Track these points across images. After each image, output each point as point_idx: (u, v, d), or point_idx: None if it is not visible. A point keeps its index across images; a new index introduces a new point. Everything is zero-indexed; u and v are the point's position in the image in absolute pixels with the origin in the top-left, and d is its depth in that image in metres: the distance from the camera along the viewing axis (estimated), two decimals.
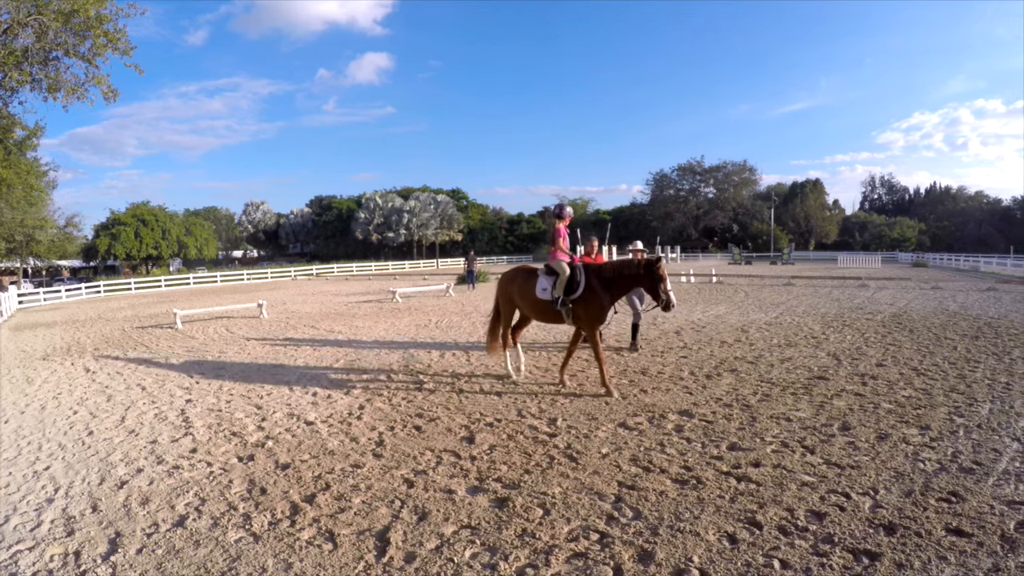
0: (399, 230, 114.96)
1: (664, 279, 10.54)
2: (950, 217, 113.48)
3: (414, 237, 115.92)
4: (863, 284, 37.05)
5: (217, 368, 14.11)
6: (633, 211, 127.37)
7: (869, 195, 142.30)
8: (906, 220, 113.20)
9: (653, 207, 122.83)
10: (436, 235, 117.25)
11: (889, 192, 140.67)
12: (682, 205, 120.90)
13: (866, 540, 5.57)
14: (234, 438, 8.94)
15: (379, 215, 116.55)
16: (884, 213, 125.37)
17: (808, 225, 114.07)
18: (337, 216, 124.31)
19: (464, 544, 5.60)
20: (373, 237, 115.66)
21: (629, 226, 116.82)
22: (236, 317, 25.53)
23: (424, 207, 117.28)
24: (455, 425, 9.30)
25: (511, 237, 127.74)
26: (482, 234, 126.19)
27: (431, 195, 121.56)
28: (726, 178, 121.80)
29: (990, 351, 14.51)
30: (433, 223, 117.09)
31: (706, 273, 46.66)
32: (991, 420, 9.14)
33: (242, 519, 6.23)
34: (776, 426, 8.95)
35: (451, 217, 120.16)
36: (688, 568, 5.14)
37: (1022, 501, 6.34)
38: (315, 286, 49.27)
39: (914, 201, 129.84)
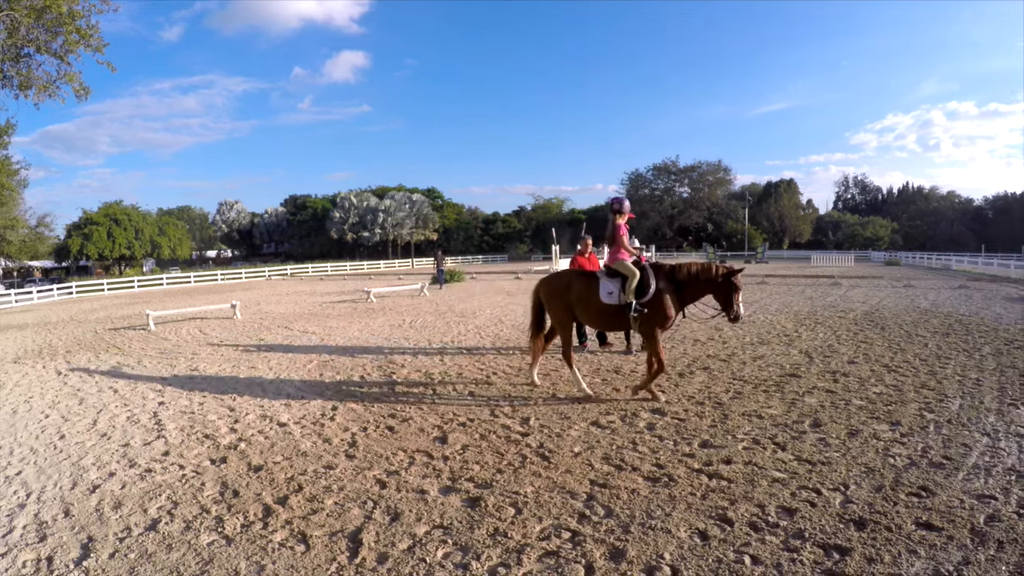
0: (374, 229, 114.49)
1: (740, 289, 10.33)
2: (922, 216, 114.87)
3: (389, 237, 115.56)
4: (836, 282, 37.33)
5: (190, 370, 14.03)
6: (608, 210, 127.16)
7: (843, 195, 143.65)
8: (879, 219, 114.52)
9: None
10: (411, 234, 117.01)
11: (862, 192, 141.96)
12: (657, 204, 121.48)
13: (837, 535, 5.63)
14: (207, 440, 8.88)
15: (354, 214, 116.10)
16: (857, 213, 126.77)
17: (782, 224, 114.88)
18: (312, 215, 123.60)
19: (436, 544, 5.60)
20: (348, 237, 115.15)
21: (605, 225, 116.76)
22: (209, 318, 25.37)
23: (399, 206, 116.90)
24: (428, 425, 9.30)
25: (487, 236, 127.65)
26: (457, 233, 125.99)
27: (406, 194, 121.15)
28: (701, 178, 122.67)
29: (961, 348, 14.66)
30: (408, 222, 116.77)
31: None
32: (961, 415, 9.25)
33: (215, 522, 6.19)
34: (748, 423, 9.02)
35: (426, 216, 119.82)
36: (659, 565, 5.17)
37: (992, 495, 6.42)
38: (289, 286, 49.08)
39: (887, 201, 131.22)
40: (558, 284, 11.11)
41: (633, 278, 10.21)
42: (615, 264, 10.53)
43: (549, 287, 11.22)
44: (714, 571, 5.06)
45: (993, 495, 6.43)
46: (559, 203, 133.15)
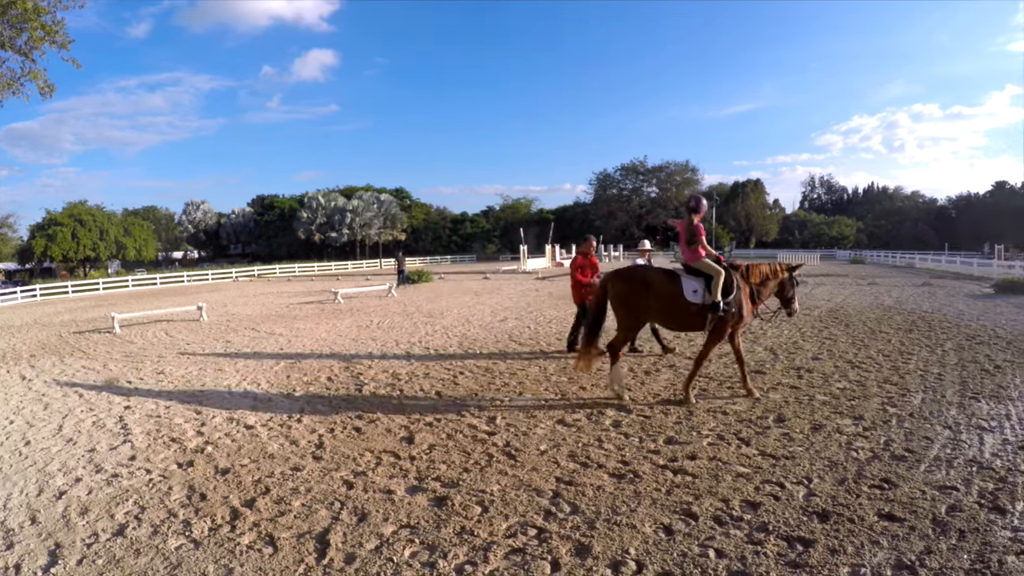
0: (342, 230, 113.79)
1: (798, 285, 11.15)
2: (887, 216, 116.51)
3: (357, 237, 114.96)
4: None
5: (156, 373, 13.89)
6: (576, 210, 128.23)
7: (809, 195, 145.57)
8: (844, 219, 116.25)
9: (596, 206, 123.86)
10: (379, 235, 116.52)
11: (828, 192, 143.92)
12: (625, 204, 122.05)
13: (800, 527, 5.72)
14: (173, 444, 8.79)
15: (322, 215, 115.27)
16: (823, 212, 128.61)
17: (749, 224, 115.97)
18: (279, 216, 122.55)
19: (403, 543, 5.61)
20: (316, 237, 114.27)
21: (572, 225, 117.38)
22: (176, 320, 25.08)
23: (367, 206, 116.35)
24: (395, 426, 9.30)
25: (455, 236, 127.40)
26: (426, 234, 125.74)
27: (374, 194, 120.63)
28: (669, 178, 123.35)
29: (923, 343, 14.87)
30: (376, 223, 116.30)
31: None
32: (923, 409, 9.41)
33: (182, 526, 6.15)
34: (713, 419, 9.12)
35: (394, 217, 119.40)
36: (625, 560, 5.22)
37: (953, 486, 6.56)
38: (256, 287, 48.69)
39: (852, 201, 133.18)
40: (636, 281, 10.47)
41: (719, 277, 10.07)
42: (697, 263, 10.36)
43: (625, 284, 10.55)
44: (679, 565, 5.12)
45: (955, 486, 6.57)
46: (527, 203, 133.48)
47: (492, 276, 52.01)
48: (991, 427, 8.54)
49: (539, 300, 29.01)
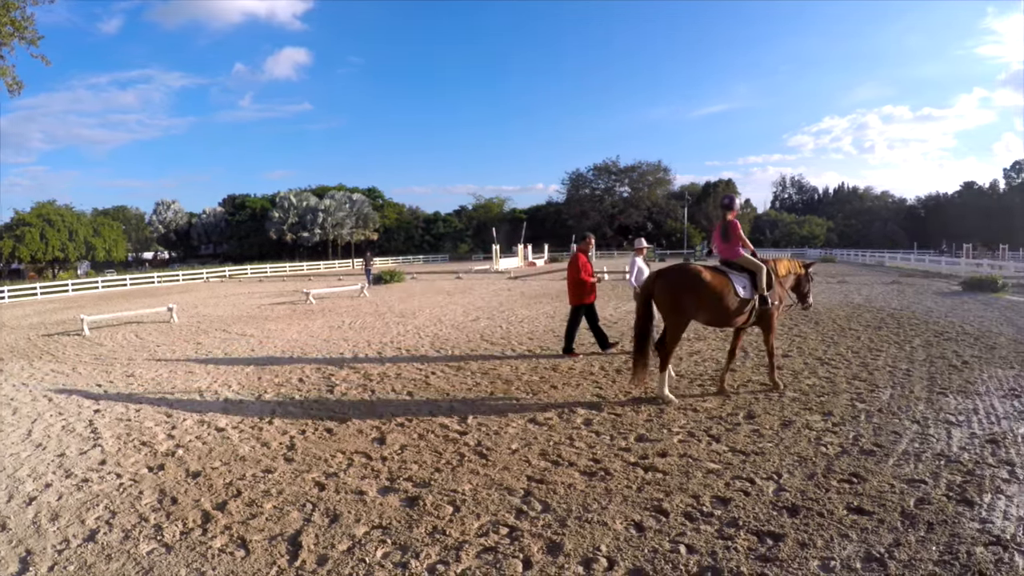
0: (314, 230, 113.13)
1: (812, 280, 11.75)
2: (857, 215, 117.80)
3: (329, 237, 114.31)
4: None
5: (126, 376, 13.77)
6: (549, 210, 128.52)
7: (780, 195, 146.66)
8: (815, 218, 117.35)
9: (569, 206, 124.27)
10: (351, 234, 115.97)
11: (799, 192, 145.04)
12: (597, 204, 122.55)
13: (770, 522, 5.77)
14: (144, 448, 8.72)
15: (294, 214, 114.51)
16: (794, 212, 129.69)
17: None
18: (251, 215, 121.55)
19: (375, 544, 5.60)
20: (288, 237, 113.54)
21: (545, 224, 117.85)
22: (146, 322, 24.87)
23: (339, 206, 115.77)
24: (366, 426, 9.29)
25: (427, 236, 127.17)
26: (398, 233, 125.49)
27: (346, 194, 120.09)
28: (641, 178, 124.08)
29: (892, 340, 15.03)
30: (348, 222, 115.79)
31: (620, 270, 47.06)
32: (892, 405, 9.52)
33: (153, 530, 6.10)
34: (683, 417, 9.19)
35: (367, 216, 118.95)
36: (596, 557, 5.24)
37: (921, 479, 6.65)
38: (228, 288, 48.34)
39: (823, 200, 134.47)
40: (686, 279, 10.17)
41: (762, 272, 10.37)
42: (740, 259, 10.57)
43: (677, 284, 10.20)
44: (650, 561, 5.15)
45: (923, 479, 6.66)
46: (500, 203, 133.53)
47: (464, 276, 51.98)
48: (959, 421, 8.67)
49: (511, 299, 29.09)
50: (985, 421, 8.68)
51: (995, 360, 12.70)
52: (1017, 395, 10.06)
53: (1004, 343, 14.63)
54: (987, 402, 9.64)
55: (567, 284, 14.84)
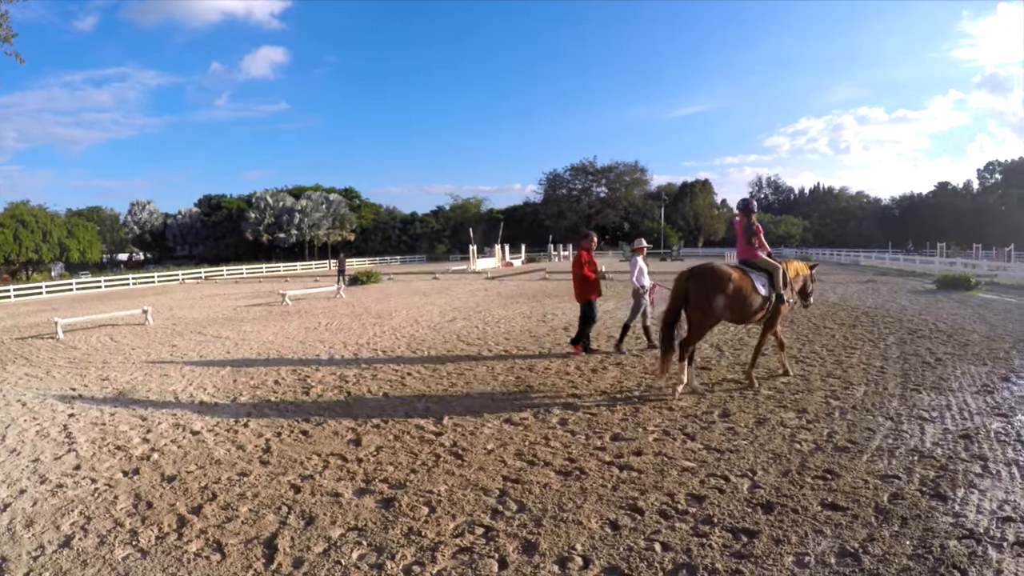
0: (290, 230, 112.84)
1: (815, 281, 12.51)
2: (833, 215, 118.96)
3: (306, 237, 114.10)
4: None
5: (101, 379, 13.65)
6: (526, 210, 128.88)
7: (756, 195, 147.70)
8: (791, 218, 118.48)
9: (546, 206, 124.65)
10: (328, 235, 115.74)
11: (775, 192, 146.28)
12: (574, 204, 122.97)
13: (745, 519, 5.81)
14: (119, 452, 8.64)
15: (270, 215, 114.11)
16: (770, 212, 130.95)
17: (697, 223, 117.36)
18: (227, 216, 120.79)
19: (351, 546, 5.59)
20: (264, 238, 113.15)
21: (522, 225, 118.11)
22: (121, 325, 24.65)
23: (316, 206, 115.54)
24: (342, 428, 9.26)
25: (404, 237, 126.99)
26: (375, 234, 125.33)
27: (323, 194, 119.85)
28: (618, 178, 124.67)
29: (866, 338, 15.17)
30: (325, 223, 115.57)
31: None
32: (866, 401, 9.63)
33: (129, 535, 6.05)
34: (658, 415, 9.24)
35: (343, 217, 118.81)
36: (571, 556, 5.26)
37: (895, 475, 6.72)
38: (203, 290, 47.99)
39: (799, 200, 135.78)
40: (721, 280, 10.37)
41: (778, 272, 10.90)
42: (758, 260, 11.11)
43: (711, 283, 10.38)
44: (625, 559, 5.17)
45: (896, 475, 6.74)
46: (477, 203, 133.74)
47: (441, 276, 51.95)
48: (932, 417, 8.77)
49: (488, 300, 29.09)
50: (958, 417, 8.79)
51: (968, 357, 12.84)
52: (990, 391, 10.19)
53: (977, 340, 14.80)
54: (960, 398, 9.76)
55: (573, 282, 14.86)
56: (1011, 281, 34.34)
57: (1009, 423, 8.50)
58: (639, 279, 14.54)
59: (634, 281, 14.63)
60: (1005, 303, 23.37)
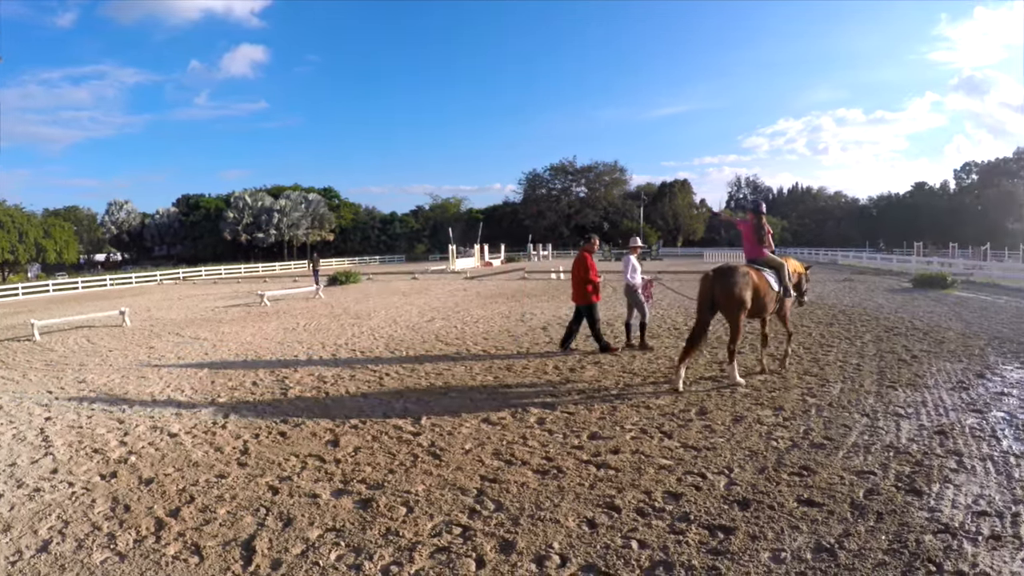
0: (269, 230, 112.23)
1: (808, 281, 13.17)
2: (811, 215, 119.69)
3: (285, 237, 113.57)
4: None
5: (78, 382, 13.55)
6: (506, 210, 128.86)
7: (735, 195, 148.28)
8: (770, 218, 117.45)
9: (526, 206, 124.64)
10: (307, 235, 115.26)
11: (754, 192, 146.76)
12: (554, 204, 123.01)
13: (721, 516, 5.86)
14: (96, 455, 8.57)
15: (248, 215, 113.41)
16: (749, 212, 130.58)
17: (676, 223, 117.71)
18: (205, 216, 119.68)
19: (329, 547, 5.59)
20: (242, 238, 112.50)
21: (502, 224, 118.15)
22: (98, 326, 24.50)
23: (295, 206, 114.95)
24: (320, 429, 9.24)
25: (384, 236, 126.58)
26: (354, 234, 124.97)
27: (302, 194, 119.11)
28: (597, 178, 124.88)
29: (843, 336, 15.30)
30: (304, 223, 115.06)
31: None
32: (842, 399, 9.71)
33: (107, 539, 6.01)
34: (636, 414, 9.28)
35: (323, 217, 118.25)
36: (549, 554, 5.28)
37: (871, 471, 6.80)
38: (181, 290, 47.72)
39: (777, 200, 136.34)
40: (744, 278, 10.86)
41: (784, 269, 11.71)
42: (766, 258, 11.83)
43: (737, 282, 10.79)
44: (602, 557, 5.20)
45: (872, 471, 6.81)
46: (457, 203, 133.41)
47: (421, 276, 51.92)
48: (907, 414, 8.87)
49: (467, 300, 29.07)
50: (933, 413, 8.89)
51: (944, 354, 12.97)
52: (965, 387, 10.31)
53: (952, 337, 14.95)
54: (935, 395, 9.87)
55: (572, 283, 15.01)
56: (986, 279, 34.65)
57: (984, 419, 8.61)
58: (632, 277, 14.71)
59: (628, 278, 14.81)
60: (980, 301, 23.65)
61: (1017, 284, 30.79)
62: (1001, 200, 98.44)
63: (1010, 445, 7.57)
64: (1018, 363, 12.12)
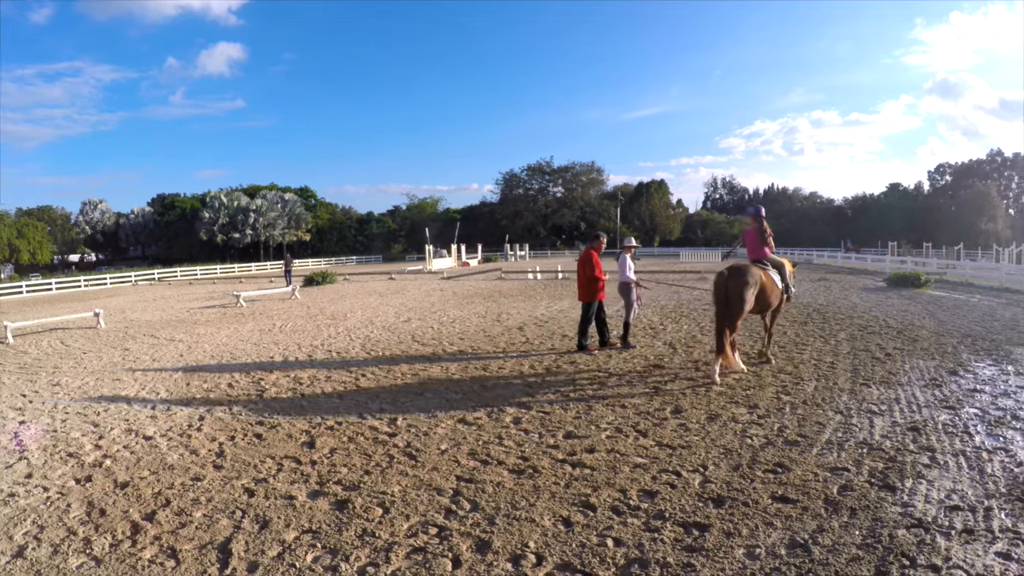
0: (245, 230, 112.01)
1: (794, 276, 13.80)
2: (787, 215, 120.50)
3: (261, 237, 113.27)
4: (702, 277, 38.38)
5: (52, 385, 13.42)
6: (483, 210, 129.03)
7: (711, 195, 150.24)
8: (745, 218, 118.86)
9: (503, 206, 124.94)
10: (283, 235, 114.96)
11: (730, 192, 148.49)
12: (531, 204, 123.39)
13: (696, 513, 5.90)
14: (71, 459, 8.50)
15: (224, 214, 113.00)
16: (725, 212, 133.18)
17: (653, 223, 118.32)
18: (180, 216, 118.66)
19: (306, 549, 5.58)
20: (218, 238, 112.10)
21: (479, 224, 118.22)
22: (72, 328, 24.29)
23: (271, 206, 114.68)
24: (296, 431, 9.21)
25: (360, 236, 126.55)
26: (331, 234, 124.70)
27: (278, 194, 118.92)
28: (575, 178, 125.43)
29: (817, 334, 15.42)
30: (280, 223, 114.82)
31: (552, 270, 47.44)
32: (816, 396, 9.79)
33: (83, 544, 5.97)
34: (611, 413, 9.32)
35: (299, 216, 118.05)
36: (524, 553, 5.30)
37: (844, 467, 6.88)
38: (157, 291, 47.35)
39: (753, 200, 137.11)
40: (753, 274, 11.65)
41: (784, 267, 12.72)
42: (768, 258, 12.72)
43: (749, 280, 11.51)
44: (578, 555, 5.23)
45: (846, 467, 6.89)
46: (434, 202, 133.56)
47: (397, 276, 51.89)
48: (881, 411, 8.97)
49: (443, 300, 29.03)
50: (907, 410, 9.00)
51: (917, 352, 13.10)
52: (938, 384, 10.43)
53: (926, 335, 15.10)
54: (909, 392, 9.98)
55: (578, 281, 15.00)
56: (959, 279, 34.99)
57: (956, 415, 8.72)
58: (628, 275, 14.95)
59: (627, 276, 14.98)
60: (954, 299, 23.86)
61: (989, 283, 31.16)
62: (974, 201, 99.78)
63: (982, 441, 7.68)
64: (990, 360, 12.28)
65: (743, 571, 4.91)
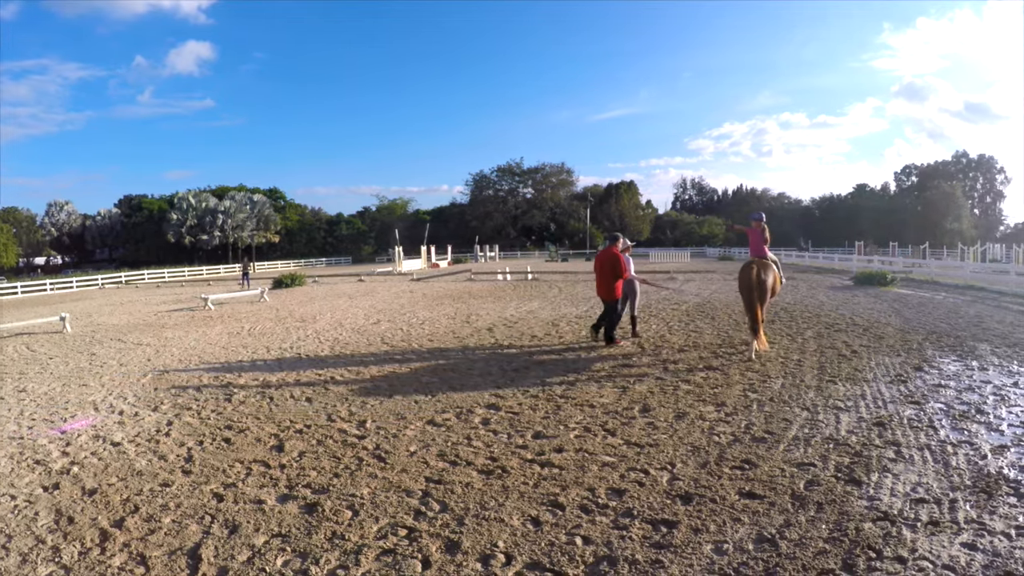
0: (213, 232, 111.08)
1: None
2: None
3: (229, 239, 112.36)
4: (671, 277, 38.74)
5: (17, 392, 13.23)
6: (453, 211, 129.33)
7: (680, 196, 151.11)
8: (714, 219, 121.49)
9: (473, 207, 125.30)
10: (252, 237, 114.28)
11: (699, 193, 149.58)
12: (501, 205, 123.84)
13: (664, 510, 5.95)
14: (38, 467, 8.40)
15: (192, 216, 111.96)
16: (694, 212, 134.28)
17: (623, 224, 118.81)
18: (148, 217, 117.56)
19: (275, 553, 5.57)
20: (186, 240, 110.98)
21: (449, 225, 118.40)
22: (37, 333, 23.97)
23: (240, 207, 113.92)
24: (264, 434, 9.17)
25: (330, 238, 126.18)
26: (300, 235, 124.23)
27: (247, 195, 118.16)
28: (544, 179, 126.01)
29: (784, 332, 15.63)
30: (249, 224, 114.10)
31: (522, 271, 47.60)
32: (783, 394, 9.92)
33: (51, 552, 5.90)
34: (580, 413, 9.37)
35: (268, 218, 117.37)
36: (494, 553, 5.32)
37: (811, 463, 6.98)
38: (124, 295, 46.84)
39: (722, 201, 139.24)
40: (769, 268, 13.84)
41: (779, 264, 14.54)
42: (767, 256, 14.29)
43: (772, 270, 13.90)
44: (547, 554, 5.25)
45: (812, 463, 7.00)
46: (404, 204, 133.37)
47: (367, 278, 51.83)
48: (847, 407, 9.13)
49: (413, 302, 29.09)
50: (872, 405, 9.15)
51: (883, 348, 13.31)
52: (903, 380, 10.63)
53: (892, 333, 15.36)
54: (874, 388, 10.16)
55: (599, 281, 15.26)
56: (925, 277, 35.50)
57: (922, 410, 8.89)
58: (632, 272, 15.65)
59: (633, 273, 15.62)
60: (919, 297, 24.25)
61: (954, 281, 31.74)
62: (939, 201, 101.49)
63: (947, 435, 7.83)
64: (955, 356, 12.51)
65: (711, 566, 4.95)
